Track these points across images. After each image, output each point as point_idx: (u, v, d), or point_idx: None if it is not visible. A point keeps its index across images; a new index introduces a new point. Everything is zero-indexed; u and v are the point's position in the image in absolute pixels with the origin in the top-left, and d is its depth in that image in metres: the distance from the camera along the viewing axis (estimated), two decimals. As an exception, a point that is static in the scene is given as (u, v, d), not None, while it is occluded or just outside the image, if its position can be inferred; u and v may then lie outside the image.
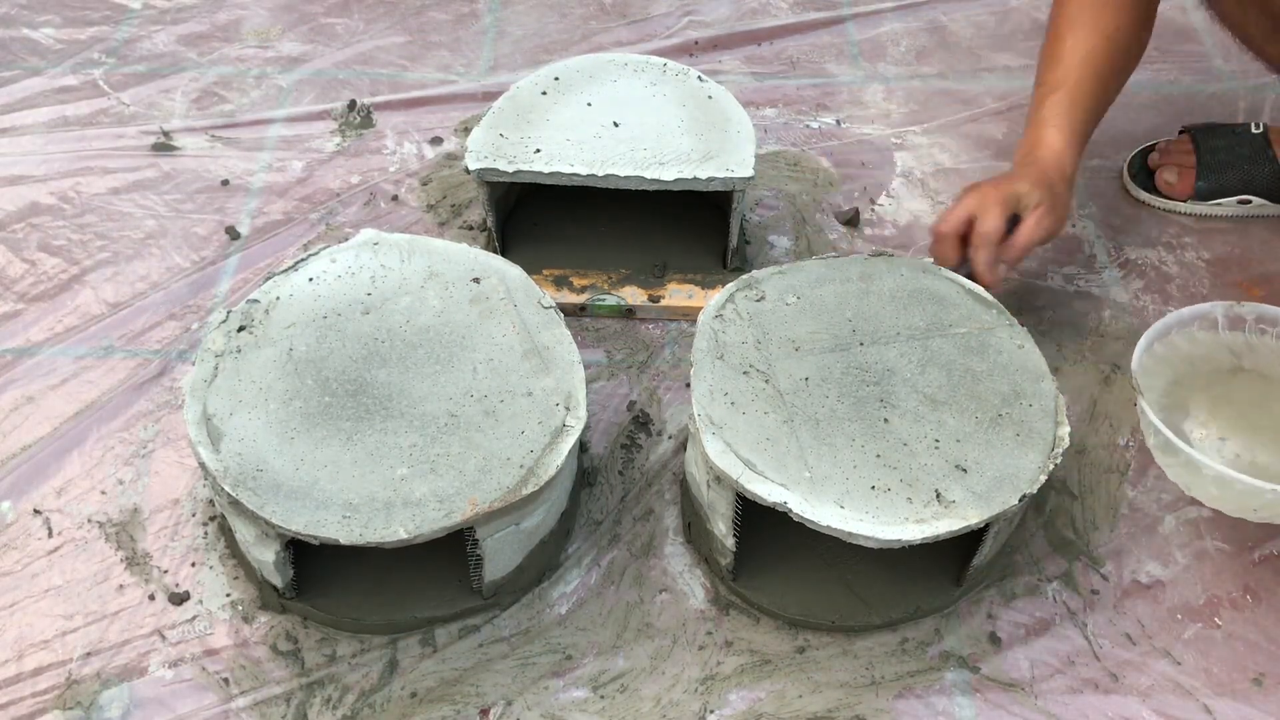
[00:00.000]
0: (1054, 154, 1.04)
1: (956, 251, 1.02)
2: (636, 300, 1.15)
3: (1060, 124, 1.05)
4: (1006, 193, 1.01)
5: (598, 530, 0.99)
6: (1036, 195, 1.01)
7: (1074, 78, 1.06)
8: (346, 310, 0.94)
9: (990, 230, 0.99)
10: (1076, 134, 1.05)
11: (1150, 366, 0.99)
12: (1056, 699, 0.88)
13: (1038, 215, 1.01)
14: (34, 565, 0.95)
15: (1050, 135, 1.04)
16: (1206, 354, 1.02)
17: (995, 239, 1.00)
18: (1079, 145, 1.06)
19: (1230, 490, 0.90)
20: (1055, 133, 1.04)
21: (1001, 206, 1.00)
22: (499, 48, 1.50)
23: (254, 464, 0.84)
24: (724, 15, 1.55)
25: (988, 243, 1.00)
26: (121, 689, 0.88)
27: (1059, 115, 1.05)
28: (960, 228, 1.02)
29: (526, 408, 0.88)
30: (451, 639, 0.91)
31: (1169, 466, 0.96)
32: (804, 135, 1.37)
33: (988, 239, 1.00)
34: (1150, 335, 0.99)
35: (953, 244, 1.02)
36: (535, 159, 1.09)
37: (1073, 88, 1.05)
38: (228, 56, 1.48)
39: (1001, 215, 1.00)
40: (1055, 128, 1.05)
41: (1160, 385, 1.00)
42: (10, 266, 1.20)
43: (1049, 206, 1.01)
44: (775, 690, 0.88)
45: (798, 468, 0.84)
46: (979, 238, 1.00)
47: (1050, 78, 1.07)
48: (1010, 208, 1.00)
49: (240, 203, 1.28)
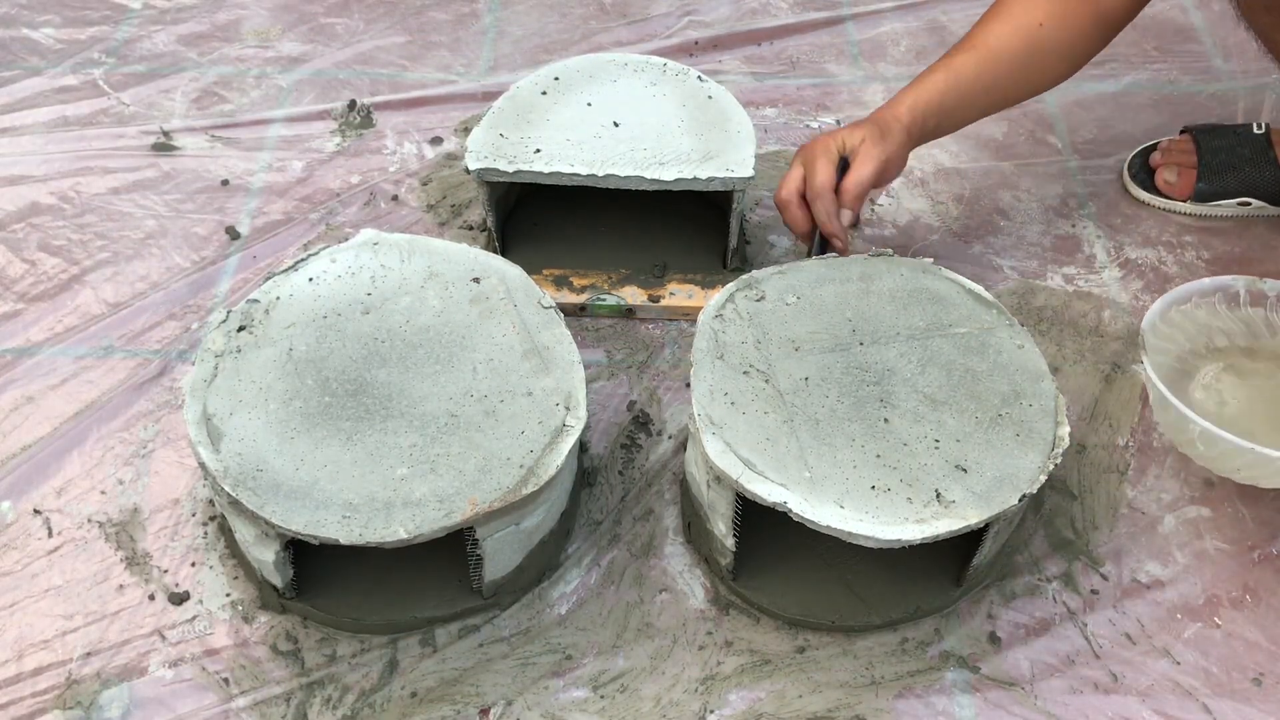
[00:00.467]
0: (891, 106, 1.04)
1: (804, 212, 1.02)
2: (636, 300, 1.15)
3: (916, 86, 1.05)
4: (828, 143, 1.01)
5: (598, 530, 0.99)
6: (859, 133, 1.01)
7: (964, 52, 1.05)
8: (346, 310, 0.95)
9: (821, 181, 0.99)
10: (934, 95, 1.04)
11: (1164, 331, 1.01)
12: (1056, 699, 0.88)
13: (863, 151, 1.00)
14: (34, 565, 0.95)
15: (904, 94, 1.05)
16: (1225, 326, 1.03)
17: (828, 187, 0.99)
18: (931, 109, 1.04)
19: (1215, 448, 0.92)
20: (906, 92, 1.05)
21: (825, 156, 1.00)
22: (499, 48, 1.50)
23: (254, 464, 0.84)
24: (724, 15, 1.55)
25: (822, 193, 0.99)
26: (121, 689, 0.88)
27: (923, 79, 1.05)
28: (799, 189, 1.01)
29: (526, 408, 0.88)
30: (451, 639, 0.91)
31: (1164, 423, 0.98)
32: (804, 135, 1.37)
33: (821, 190, 0.99)
34: (1168, 299, 1.01)
35: (799, 206, 1.02)
36: (535, 159, 1.09)
37: (958, 60, 1.05)
38: (228, 56, 1.48)
39: (829, 165, 1.00)
40: (910, 88, 1.05)
41: (1173, 349, 1.01)
42: (10, 266, 1.20)
43: (873, 141, 1.00)
44: (775, 690, 0.88)
45: (798, 468, 0.84)
46: (812, 191, 1.00)
47: (954, 48, 1.07)
48: (836, 154, 1.01)
49: (240, 203, 1.28)
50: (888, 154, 1.01)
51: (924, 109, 1.04)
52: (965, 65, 1.05)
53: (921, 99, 1.04)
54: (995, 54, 1.05)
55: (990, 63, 1.05)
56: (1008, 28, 1.05)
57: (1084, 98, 1.41)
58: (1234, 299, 1.03)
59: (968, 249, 1.23)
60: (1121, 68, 1.45)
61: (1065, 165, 1.33)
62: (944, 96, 1.05)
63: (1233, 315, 1.03)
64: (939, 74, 1.05)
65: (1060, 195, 1.29)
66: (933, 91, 1.04)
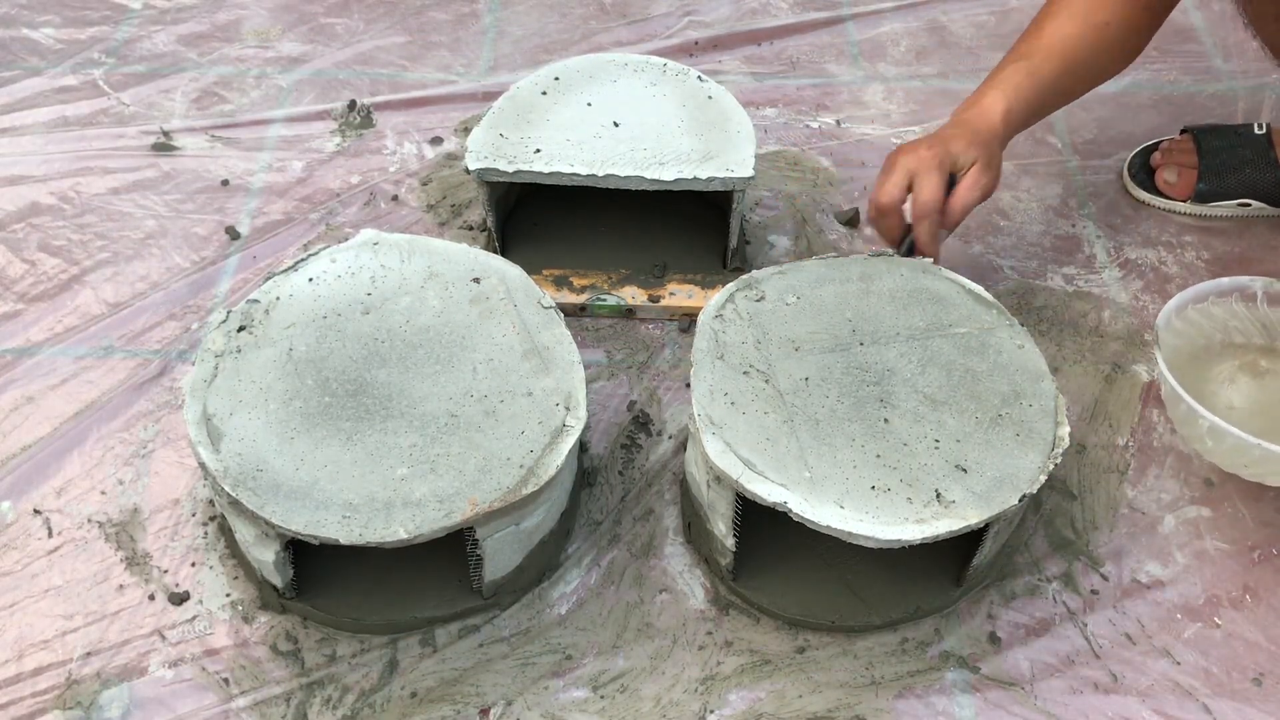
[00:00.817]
0: (990, 115, 1.01)
1: (901, 223, 1.00)
2: (636, 300, 1.15)
3: (1006, 90, 1.02)
4: (941, 156, 0.98)
5: (598, 530, 0.99)
6: (971, 154, 0.98)
7: (1041, 53, 1.03)
8: (346, 310, 0.94)
9: (931, 199, 0.96)
10: (1022, 104, 1.02)
11: (1179, 328, 1.01)
12: (1056, 699, 0.88)
13: (973, 174, 0.98)
14: (34, 565, 0.95)
15: (991, 97, 1.02)
16: (1242, 325, 1.03)
17: (936, 208, 0.97)
18: (1020, 117, 1.03)
19: (1223, 444, 0.92)
20: (997, 96, 1.02)
21: (939, 172, 0.97)
22: (499, 48, 1.50)
23: (254, 464, 0.84)
24: (724, 15, 1.55)
25: (930, 213, 0.97)
26: (121, 689, 0.88)
27: (1008, 81, 1.02)
28: (902, 197, 0.99)
29: (526, 408, 0.88)
30: (451, 639, 0.91)
31: (1174, 417, 0.98)
32: (804, 135, 1.37)
33: (929, 208, 0.97)
34: (1185, 296, 1.01)
35: (898, 216, 0.99)
36: (535, 159, 1.09)
37: (1035, 61, 1.03)
38: (228, 56, 1.48)
39: (940, 181, 0.97)
40: (1000, 92, 1.02)
41: (1188, 346, 1.01)
42: (10, 266, 1.20)
43: (984, 164, 0.98)
44: (775, 690, 0.88)
45: (797, 468, 0.84)
46: (920, 208, 0.97)
47: (1018, 49, 1.05)
48: (946, 171, 0.98)
49: (240, 203, 1.28)
50: (995, 180, 1.00)
51: (1017, 122, 1.02)
52: (1046, 71, 1.03)
53: (1015, 110, 1.02)
54: (1071, 56, 1.04)
55: (1067, 65, 1.04)
56: (1077, 28, 1.04)
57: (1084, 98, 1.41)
58: (1251, 299, 1.03)
59: (968, 249, 1.23)
60: (1121, 68, 1.45)
61: (1065, 165, 1.33)
62: (1031, 106, 1.03)
63: (1250, 315, 1.03)
64: (1026, 81, 1.02)
65: (1060, 195, 1.29)
66: (1025, 103, 1.02)
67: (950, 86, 1.44)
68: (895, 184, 0.99)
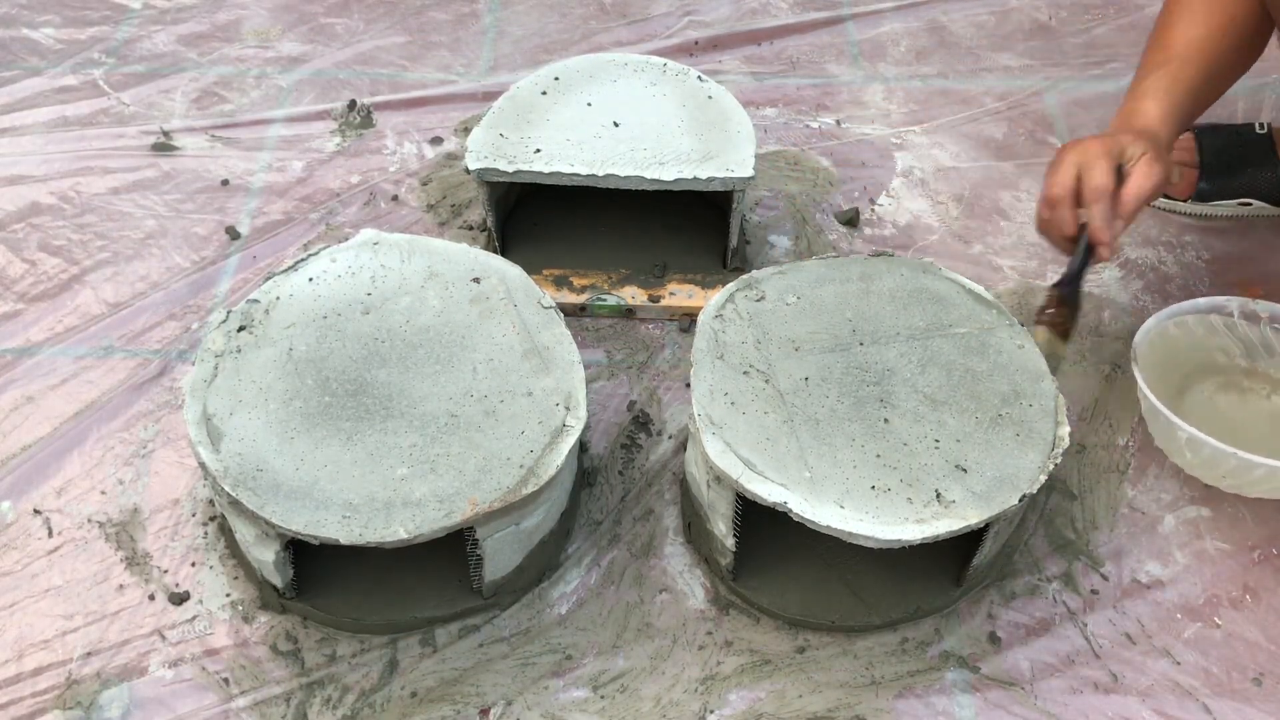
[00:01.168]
0: (1150, 119, 1.00)
1: (1074, 216, 0.97)
2: (636, 300, 1.15)
3: (1158, 97, 1.01)
4: (1110, 145, 0.96)
5: (598, 530, 0.99)
6: (1140, 146, 0.96)
7: (1178, 60, 1.03)
8: (346, 310, 0.94)
9: (1102, 184, 0.94)
10: (1176, 107, 1.01)
11: (1158, 343, 1.01)
12: (1056, 699, 0.88)
13: (1145, 163, 0.96)
14: (34, 565, 0.95)
15: (1146, 105, 1.01)
16: (1223, 344, 1.04)
17: (1109, 192, 0.94)
18: (1177, 119, 1.02)
19: (1200, 454, 0.93)
20: (1152, 103, 1.01)
21: (1108, 159, 0.95)
22: (499, 48, 1.50)
23: (254, 464, 0.84)
24: (724, 15, 1.55)
25: (1102, 196, 0.94)
26: (121, 689, 0.88)
27: (1157, 89, 1.01)
28: (1073, 187, 0.96)
29: (526, 408, 0.88)
30: (451, 639, 0.91)
31: (1154, 432, 0.99)
32: (804, 135, 1.37)
33: (1101, 193, 0.94)
34: (1164, 314, 1.02)
35: (1070, 208, 0.97)
36: (535, 159, 1.09)
37: (1176, 69, 1.02)
38: (228, 56, 1.48)
39: (1110, 168, 0.95)
40: (1153, 99, 1.01)
41: (1166, 361, 1.01)
42: (10, 266, 1.20)
43: (1155, 156, 0.96)
44: (775, 690, 0.88)
45: (798, 468, 0.84)
46: (1092, 193, 0.95)
47: (1152, 59, 1.04)
48: (1115, 160, 0.96)
49: (240, 203, 1.28)
50: (1167, 173, 0.98)
51: (1173, 124, 1.01)
52: (1190, 76, 1.02)
53: (1170, 114, 1.01)
54: (1208, 57, 1.03)
55: (1206, 66, 1.03)
56: (1203, 29, 1.03)
57: (1084, 98, 1.41)
58: (1228, 318, 1.04)
59: (968, 249, 1.23)
60: (1121, 68, 1.44)
61: (1065, 165, 1.33)
62: (1183, 109, 1.02)
63: (1230, 333, 1.04)
64: (1176, 87, 1.02)
65: (1060, 195, 1.29)
66: (1177, 106, 1.01)
67: (950, 86, 1.44)
68: (1065, 175, 0.96)
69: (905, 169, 1.32)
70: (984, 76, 1.45)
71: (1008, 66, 1.47)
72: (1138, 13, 1.53)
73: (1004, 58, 1.48)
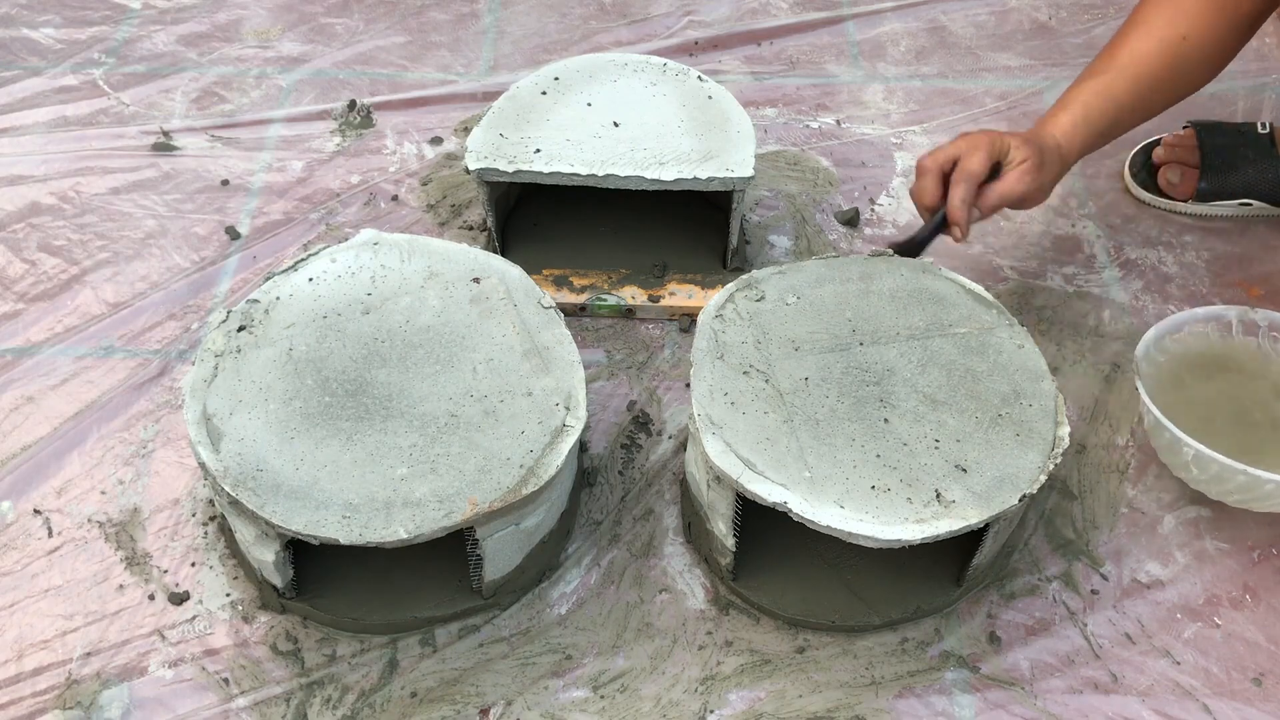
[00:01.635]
0: (1056, 132, 1.03)
1: (938, 188, 1.02)
2: (636, 300, 1.15)
3: (1075, 109, 1.04)
4: (995, 140, 1.00)
5: (598, 530, 0.99)
6: (1025, 152, 1.00)
7: (1114, 70, 1.04)
8: (346, 310, 0.95)
9: (973, 168, 0.99)
10: (1089, 121, 1.04)
11: (1157, 357, 1.01)
12: (1056, 699, 0.88)
13: (1021, 169, 1.00)
14: (34, 565, 0.95)
15: (1061, 116, 1.04)
16: (1220, 354, 1.03)
17: (977, 178, 0.99)
18: (1090, 135, 1.04)
19: (1207, 471, 0.92)
20: (1066, 115, 1.04)
21: (987, 151, 0.99)
22: (499, 48, 1.50)
23: (254, 464, 0.84)
24: (724, 15, 1.55)
25: (968, 178, 0.99)
26: (121, 689, 0.88)
27: (1077, 101, 1.04)
28: (946, 165, 1.01)
29: (526, 408, 0.88)
30: (451, 639, 0.91)
31: (1159, 447, 0.98)
32: (804, 135, 1.37)
33: (969, 174, 0.99)
34: (1162, 327, 1.01)
35: (935, 179, 1.01)
36: (535, 159, 1.09)
37: (1108, 80, 1.04)
38: (228, 56, 1.48)
39: (987, 159, 0.99)
40: (1069, 112, 1.04)
41: (1167, 375, 1.01)
42: (10, 266, 1.20)
43: (1034, 166, 1.00)
44: (775, 690, 0.88)
45: (797, 467, 0.84)
46: (960, 173, 0.99)
47: (1094, 66, 1.06)
48: (996, 155, 1.00)
49: (240, 203, 1.28)
50: (1039, 184, 1.01)
51: (1083, 141, 1.04)
52: (1119, 89, 1.04)
53: (1083, 128, 1.03)
54: (1145, 74, 1.04)
55: (1141, 82, 1.04)
56: (1152, 44, 1.04)
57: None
58: (1227, 328, 1.03)
59: (968, 249, 1.23)
60: (1121, 68, 1.44)
61: (1065, 165, 1.33)
62: (1103, 125, 1.04)
63: (1226, 343, 1.03)
64: (1096, 100, 1.04)
65: (1060, 195, 1.29)
66: (1094, 122, 1.03)
67: (950, 86, 1.44)
68: (944, 152, 1.01)
69: (905, 169, 1.32)
70: (984, 76, 1.45)
71: (1008, 66, 1.47)
72: (1138, 13, 1.53)
73: (1004, 57, 1.48)
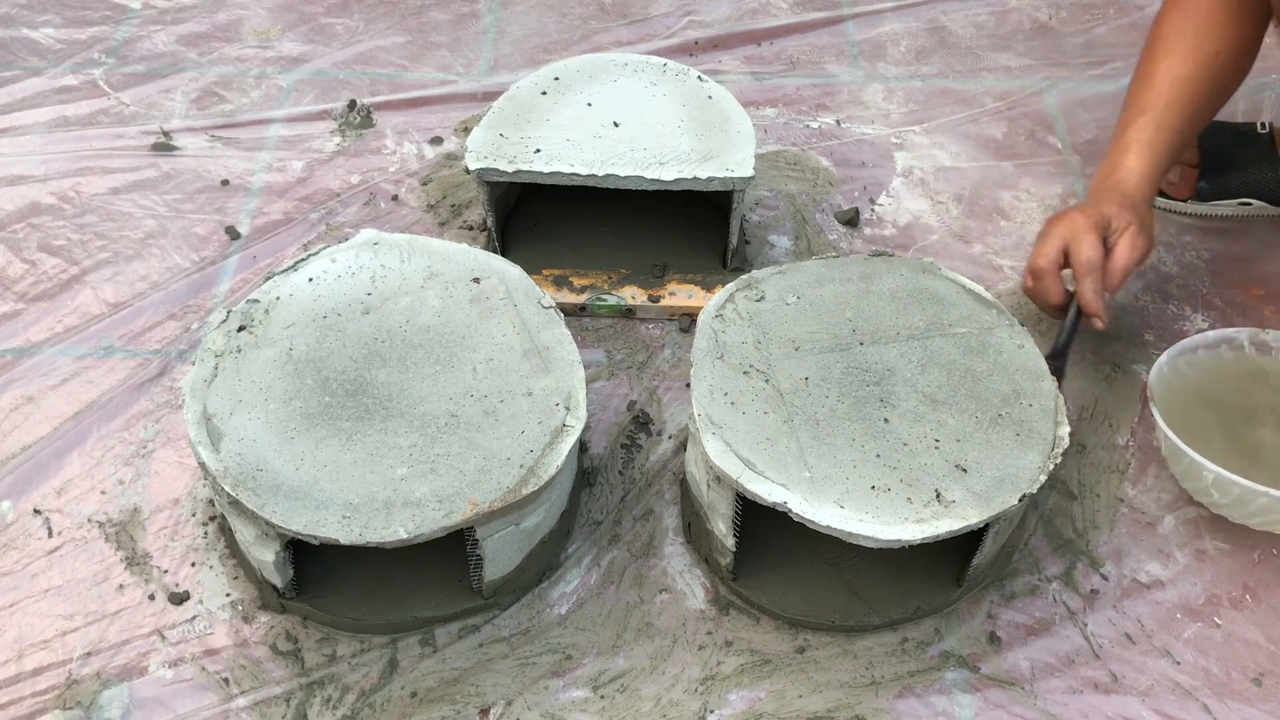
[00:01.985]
0: (1133, 178, 1.02)
1: (1060, 283, 1.01)
2: (636, 300, 1.15)
3: (1141, 149, 1.03)
4: (1095, 218, 0.99)
5: (598, 530, 0.99)
6: (1125, 217, 0.99)
7: (1163, 102, 1.04)
8: (346, 310, 0.95)
9: (1092, 257, 0.97)
10: (1158, 159, 1.03)
11: (1170, 380, 1.00)
12: (1056, 699, 0.88)
13: (1130, 236, 0.99)
14: (34, 565, 0.95)
15: (1130, 159, 1.03)
16: (1235, 377, 1.02)
17: (1099, 265, 0.97)
18: (1159, 171, 1.04)
19: (1228, 494, 0.91)
20: (1135, 158, 1.03)
21: (1095, 233, 0.98)
22: (499, 48, 1.50)
23: (254, 464, 0.84)
24: (724, 15, 1.55)
25: (1092, 270, 0.97)
26: (121, 689, 0.88)
27: (1141, 140, 1.03)
28: (1060, 260, 1.00)
29: (526, 408, 0.88)
30: (451, 639, 0.91)
31: (1177, 472, 0.97)
32: (804, 135, 1.37)
33: (1091, 266, 0.97)
34: (1175, 350, 1.01)
35: (1055, 278, 1.00)
36: (535, 159, 1.09)
37: (1160, 112, 1.04)
38: (228, 56, 1.48)
39: (1097, 241, 0.98)
40: (1136, 153, 1.03)
41: (1181, 399, 1.00)
42: (10, 266, 1.20)
43: (1139, 228, 0.99)
44: (775, 690, 0.88)
45: (797, 467, 0.84)
46: (1082, 267, 0.98)
47: (1139, 100, 1.06)
48: (1101, 232, 0.98)
49: (240, 203, 1.28)
50: (1150, 242, 1.01)
51: (1155, 180, 1.04)
52: (1172, 121, 1.04)
53: (1155, 168, 1.03)
54: (1191, 98, 1.04)
55: (1189, 107, 1.05)
56: (1190, 68, 1.04)
57: (1084, 98, 1.41)
58: (1239, 349, 1.03)
59: (968, 249, 1.23)
60: (1122, 68, 1.45)
61: (1065, 165, 1.33)
62: (1168, 157, 1.05)
63: (1241, 364, 1.02)
64: (1159, 134, 1.03)
65: (1060, 195, 1.29)
66: (1160, 157, 1.03)
67: (950, 86, 1.44)
68: (1050, 247, 1.00)
69: (905, 169, 1.32)
70: (984, 76, 1.45)
71: (1008, 66, 1.47)
72: (1138, 13, 1.53)
73: (1004, 58, 1.48)
